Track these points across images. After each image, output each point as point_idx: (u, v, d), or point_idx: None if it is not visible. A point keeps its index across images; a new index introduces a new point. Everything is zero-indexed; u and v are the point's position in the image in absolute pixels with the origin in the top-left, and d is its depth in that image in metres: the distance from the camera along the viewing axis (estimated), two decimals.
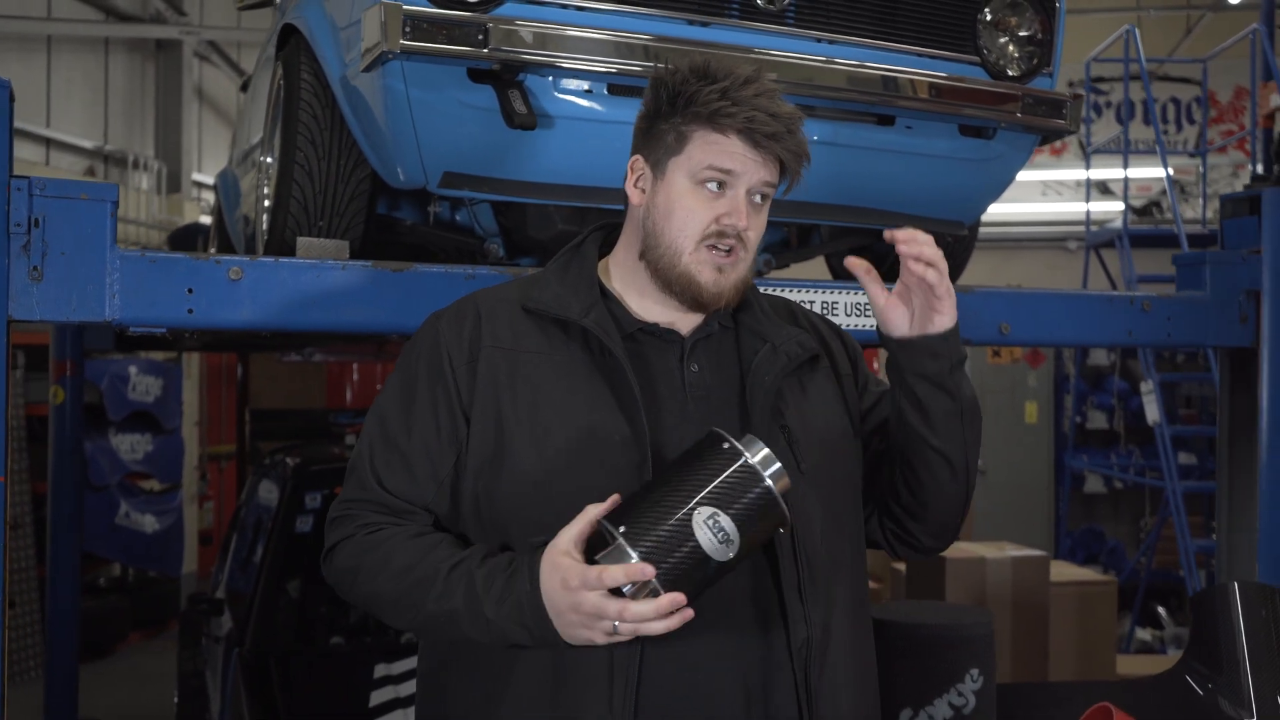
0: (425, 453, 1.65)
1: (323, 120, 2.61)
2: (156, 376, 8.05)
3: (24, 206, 1.92)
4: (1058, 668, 3.76)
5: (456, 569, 1.55)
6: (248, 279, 2.07)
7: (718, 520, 1.45)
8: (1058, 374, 8.96)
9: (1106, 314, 2.75)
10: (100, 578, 8.18)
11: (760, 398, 1.66)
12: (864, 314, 2.54)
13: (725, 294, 1.66)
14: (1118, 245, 7.05)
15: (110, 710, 6.30)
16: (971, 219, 2.97)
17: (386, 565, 1.59)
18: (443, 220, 3.02)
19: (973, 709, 2.09)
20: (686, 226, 1.64)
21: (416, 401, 1.67)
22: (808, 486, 1.65)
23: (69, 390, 5.92)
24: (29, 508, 7.15)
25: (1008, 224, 11.37)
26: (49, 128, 8.34)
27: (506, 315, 1.69)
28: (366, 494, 1.66)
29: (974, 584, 3.63)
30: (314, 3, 2.67)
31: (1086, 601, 3.98)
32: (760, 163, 1.64)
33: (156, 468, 8.21)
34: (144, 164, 9.38)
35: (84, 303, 1.96)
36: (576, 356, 1.66)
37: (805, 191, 2.69)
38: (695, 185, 1.64)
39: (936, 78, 2.62)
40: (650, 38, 2.40)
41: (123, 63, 9.38)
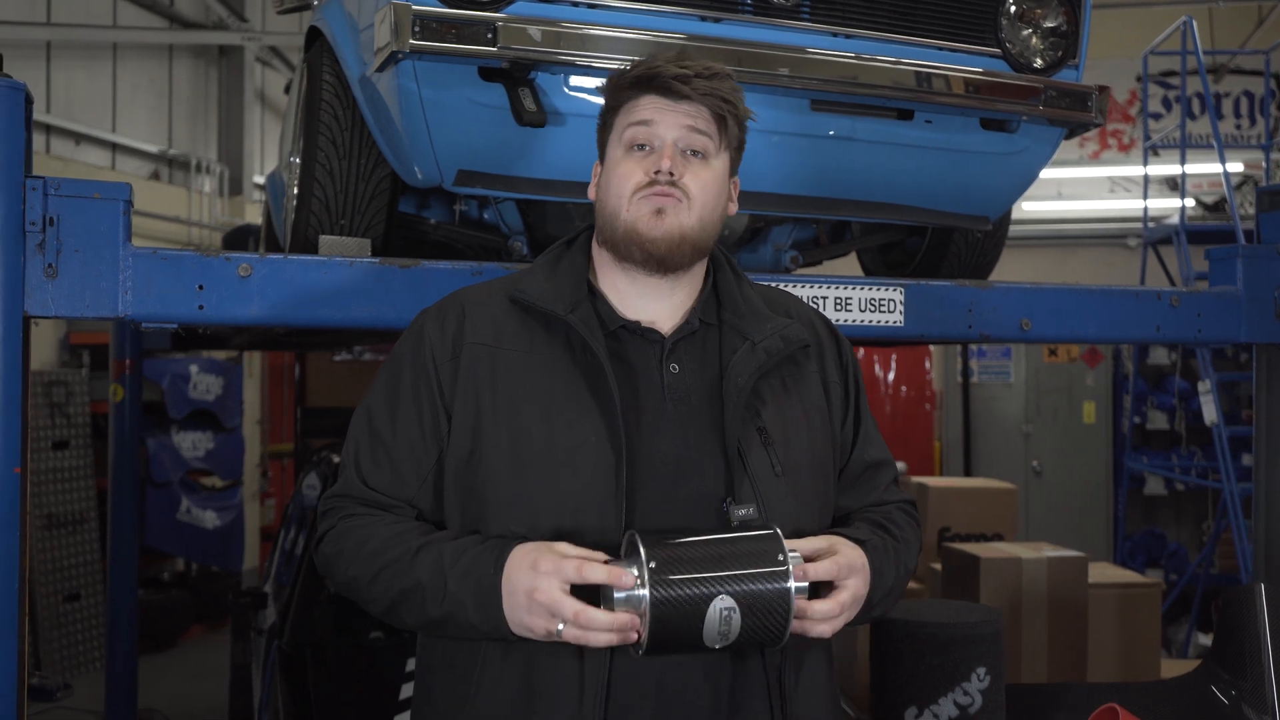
0: (409, 449, 1.68)
1: (343, 120, 2.65)
2: (217, 376, 8.21)
3: (39, 205, 1.97)
4: (1098, 670, 3.68)
5: (426, 547, 1.58)
6: (257, 275, 2.10)
7: (731, 617, 1.46)
8: (1116, 373, 8.79)
9: (1132, 309, 2.70)
10: (164, 572, 8.35)
11: (734, 396, 1.65)
12: (879, 309, 2.52)
13: (666, 238, 1.65)
14: (1175, 242, 6.90)
15: (170, 701, 6.44)
16: (997, 213, 2.93)
17: (362, 548, 1.62)
18: (469, 218, 3.05)
19: (979, 708, 2.06)
20: (622, 188, 1.67)
21: (401, 398, 1.69)
22: (785, 489, 1.65)
23: (128, 388, 6.08)
24: (94, 503, 7.34)
25: (1065, 220, 11.18)
26: (115, 133, 8.55)
27: (491, 311, 1.71)
28: (352, 490, 1.70)
29: (1009, 584, 3.57)
30: (335, 5, 2.72)
31: (1129, 603, 3.89)
32: (681, 112, 1.67)
33: (217, 465, 8.37)
34: (207, 167, 9.58)
35: (97, 299, 2.01)
36: (558, 354, 1.66)
37: (824, 187, 2.71)
38: (626, 152, 1.69)
39: (955, 71, 2.59)
40: (662, 35, 2.40)
41: (186, 69, 9.58)
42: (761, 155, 2.59)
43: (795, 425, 1.71)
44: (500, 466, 1.61)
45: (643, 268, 1.68)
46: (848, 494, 1.81)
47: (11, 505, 1.95)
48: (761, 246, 3.26)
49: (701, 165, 1.69)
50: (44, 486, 7.05)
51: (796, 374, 1.75)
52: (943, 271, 3.26)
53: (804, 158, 2.60)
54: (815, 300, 2.47)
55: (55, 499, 7.14)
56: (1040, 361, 8.52)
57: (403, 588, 1.58)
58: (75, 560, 7.25)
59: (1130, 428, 7.92)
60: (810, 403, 1.75)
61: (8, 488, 1.95)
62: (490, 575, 1.51)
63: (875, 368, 8.41)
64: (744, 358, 1.68)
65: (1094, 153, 11.67)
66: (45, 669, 6.83)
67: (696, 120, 1.68)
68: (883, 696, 2.13)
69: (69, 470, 7.24)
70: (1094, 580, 3.84)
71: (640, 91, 1.68)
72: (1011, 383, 8.88)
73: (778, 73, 2.46)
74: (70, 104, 8.05)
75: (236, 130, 9.96)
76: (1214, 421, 6.01)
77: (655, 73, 1.67)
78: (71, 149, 8.06)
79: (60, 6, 7.96)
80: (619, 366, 1.66)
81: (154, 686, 6.59)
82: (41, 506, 7.02)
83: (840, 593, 1.58)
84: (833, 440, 1.77)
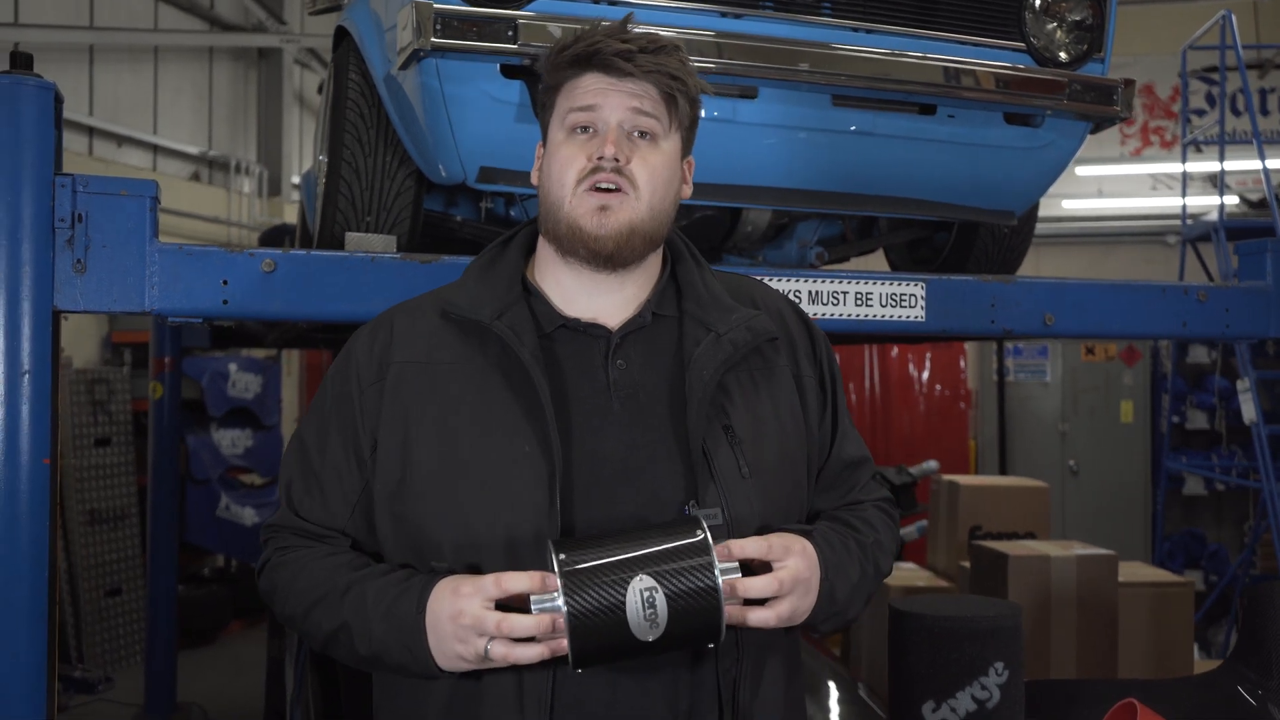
0: (337, 477, 1.60)
1: (369, 119, 2.69)
2: (256, 374, 8.30)
3: (68, 202, 2.02)
4: (1129, 669, 3.66)
5: (352, 588, 1.51)
6: (280, 271, 2.14)
7: (654, 596, 1.35)
8: (1155, 372, 8.69)
9: (1158, 305, 2.68)
10: (204, 568, 8.45)
11: (699, 392, 1.53)
12: (900, 304, 2.52)
13: (612, 236, 1.53)
14: (1214, 239, 6.81)
15: (210, 695, 6.51)
16: (1022, 208, 2.92)
17: (293, 584, 1.57)
18: (496, 216, 3.08)
19: (997, 702, 2.06)
20: (564, 174, 1.55)
21: (328, 426, 1.62)
22: (750, 492, 1.53)
23: (167, 386, 6.18)
24: (135, 499, 7.45)
25: (1104, 218, 11.07)
26: (156, 135, 8.67)
27: (425, 326, 1.61)
28: (286, 520, 1.65)
29: (1038, 582, 3.55)
30: (362, 5, 2.75)
31: (1161, 602, 3.85)
32: (625, 92, 1.55)
33: (256, 462, 8.45)
34: (246, 168, 9.69)
35: (124, 294, 2.05)
36: (490, 364, 1.56)
37: (846, 182, 2.71)
38: (568, 135, 1.57)
39: (978, 65, 2.59)
40: (682, 31, 2.42)
41: (226, 71, 9.70)
42: (781, 150, 2.60)
43: (764, 423, 1.59)
44: (430, 490, 1.52)
45: (588, 264, 1.56)
46: (826, 494, 1.70)
47: (41, 496, 2.00)
48: (787, 243, 3.26)
49: (650, 148, 1.56)
50: (86, 483, 7.17)
51: (765, 368, 1.64)
52: (969, 267, 3.25)
53: (825, 153, 2.61)
54: (835, 295, 2.47)
55: (97, 495, 7.25)
56: (1077, 360, 8.44)
57: (331, 629, 1.52)
58: (117, 555, 7.36)
59: (1169, 427, 7.83)
60: (781, 399, 1.63)
61: (37, 478, 2.00)
62: (413, 616, 1.43)
63: (910, 366, 8.37)
64: (708, 350, 1.56)
65: (1136, 150, 11.56)
66: (88, 662, 6.94)
67: (643, 100, 1.55)
68: (900, 690, 2.13)
69: (111, 467, 7.35)
70: (1125, 579, 3.81)
71: (581, 69, 1.56)
72: (1048, 381, 8.81)
73: (798, 68, 2.46)
74: (113, 106, 8.18)
75: (275, 131, 10.07)
76: (1253, 420, 5.92)
77: (595, 49, 1.54)
78: (114, 151, 8.18)
79: (103, 10, 8.08)
80: (555, 369, 1.55)
81: (194, 681, 6.67)
82: (84, 502, 7.13)
83: (778, 571, 1.45)
84: (807, 439, 1.66)
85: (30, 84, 2.01)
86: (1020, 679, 2.10)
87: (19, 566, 1.98)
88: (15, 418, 1.98)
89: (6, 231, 1.98)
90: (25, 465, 1.99)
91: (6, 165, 1.99)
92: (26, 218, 1.99)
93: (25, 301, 1.99)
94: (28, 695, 1.98)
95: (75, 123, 7.67)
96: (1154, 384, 8.72)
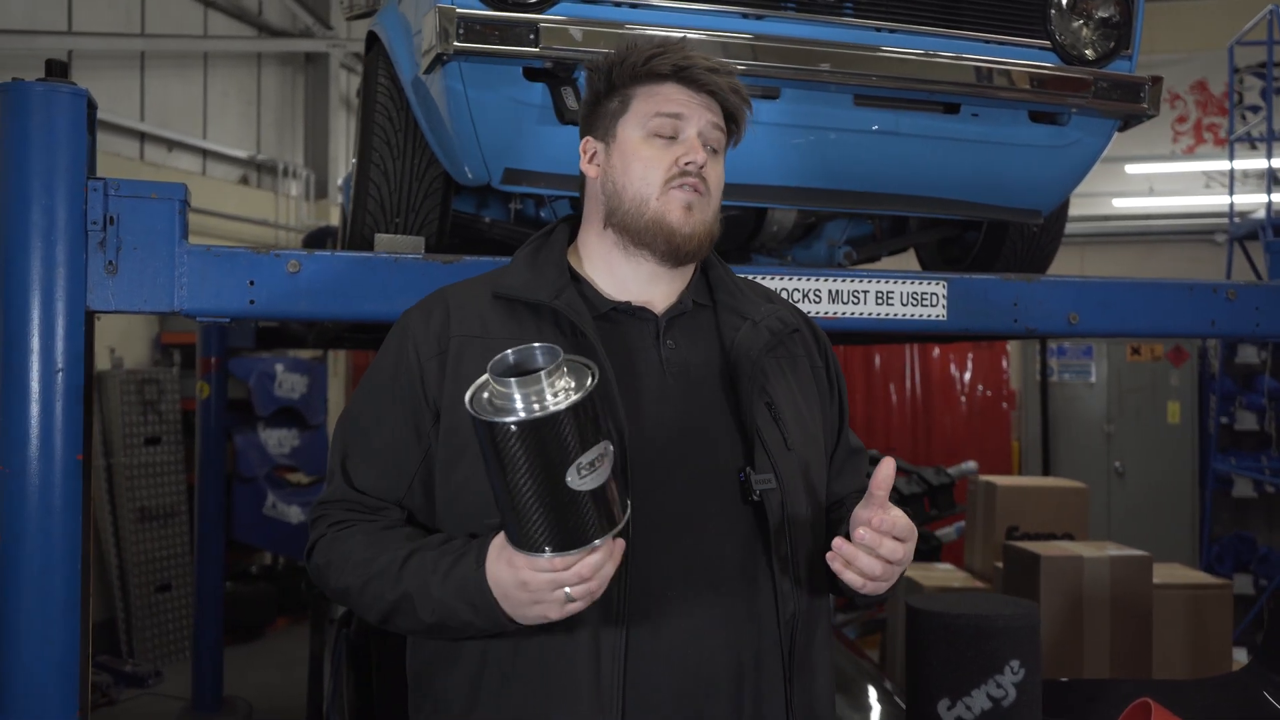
0: (394, 448, 1.66)
1: (397, 121, 2.73)
2: (302, 375, 8.41)
3: (100, 205, 2.08)
4: (1164, 671, 3.62)
5: (413, 556, 1.55)
6: (305, 272, 2.19)
7: (578, 471, 1.30)
8: (1203, 372, 8.56)
9: (1186, 303, 2.66)
10: (252, 565, 8.58)
11: (747, 370, 1.66)
12: (921, 303, 2.52)
13: (697, 235, 1.67)
14: (1261, 237, 6.71)
15: (256, 690, 6.62)
16: (1049, 207, 2.91)
17: (349, 558, 1.60)
18: (525, 217, 3.11)
19: (1013, 701, 2.06)
20: (649, 175, 1.66)
21: (385, 398, 1.68)
22: (795, 463, 1.67)
23: (214, 385, 6.30)
24: (184, 497, 7.59)
25: (1152, 216, 10.92)
26: (206, 139, 8.81)
27: (476, 305, 1.70)
28: (339, 494, 1.68)
29: (1070, 583, 3.53)
30: (391, 9, 2.80)
31: (1198, 605, 3.82)
32: (703, 105, 1.69)
33: (302, 461, 8.57)
34: (294, 171, 9.82)
35: (154, 294, 2.11)
36: (548, 339, 1.60)
37: (869, 181, 2.72)
38: (647, 137, 1.68)
39: (1002, 64, 2.58)
40: (703, 33, 2.44)
41: (274, 76, 9.84)
42: (803, 150, 2.61)
43: (796, 404, 1.73)
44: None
45: (658, 257, 1.68)
46: (840, 479, 1.83)
47: (74, 490, 2.06)
48: (815, 242, 3.27)
49: (715, 160, 1.71)
50: (137, 481, 7.31)
51: (789, 357, 1.78)
52: (998, 266, 3.24)
53: (847, 152, 2.61)
54: (856, 294, 2.48)
55: (147, 493, 7.39)
56: (1123, 360, 8.34)
57: (393, 599, 1.55)
58: (167, 552, 7.50)
59: (1217, 428, 7.71)
60: (804, 384, 1.78)
61: (71, 474, 2.06)
62: (474, 572, 1.47)
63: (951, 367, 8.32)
64: (749, 334, 1.70)
65: (1189, 147, 11.39)
66: (138, 656, 7.08)
67: (717, 116, 1.70)
68: (916, 687, 2.13)
69: (161, 465, 7.49)
70: (1163, 580, 3.78)
71: (663, 79, 1.68)
72: (1093, 382, 8.71)
73: (820, 68, 2.47)
74: (163, 112, 8.33)
75: (322, 135, 10.19)
76: None
77: (689, 63, 1.67)
78: (164, 155, 8.33)
79: (153, 18, 8.23)
80: (612, 345, 1.64)
81: (241, 675, 6.79)
82: (134, 500, 7.27)
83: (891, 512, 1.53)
84: (824, 423, 1.80)
85: (64, 91, 2.08)
86: (1037, 678, 2.10)
87: (53, 559, 2.04)
88: (49, 415, 2.04)
89: (41, 234, 2.04)
90: (59, 461, 2.05)
91: (41, 170, 2.05)
92: (60, 220, 2.05)
93: (59, 302, 2.05)
94: (62, 682, 2.04)
95: (127, 128, 7.82)
96: (1202, 384, 8.59)
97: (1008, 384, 8.41)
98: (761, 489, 1.60)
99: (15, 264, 2.04)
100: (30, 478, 2.03)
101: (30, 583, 2.03)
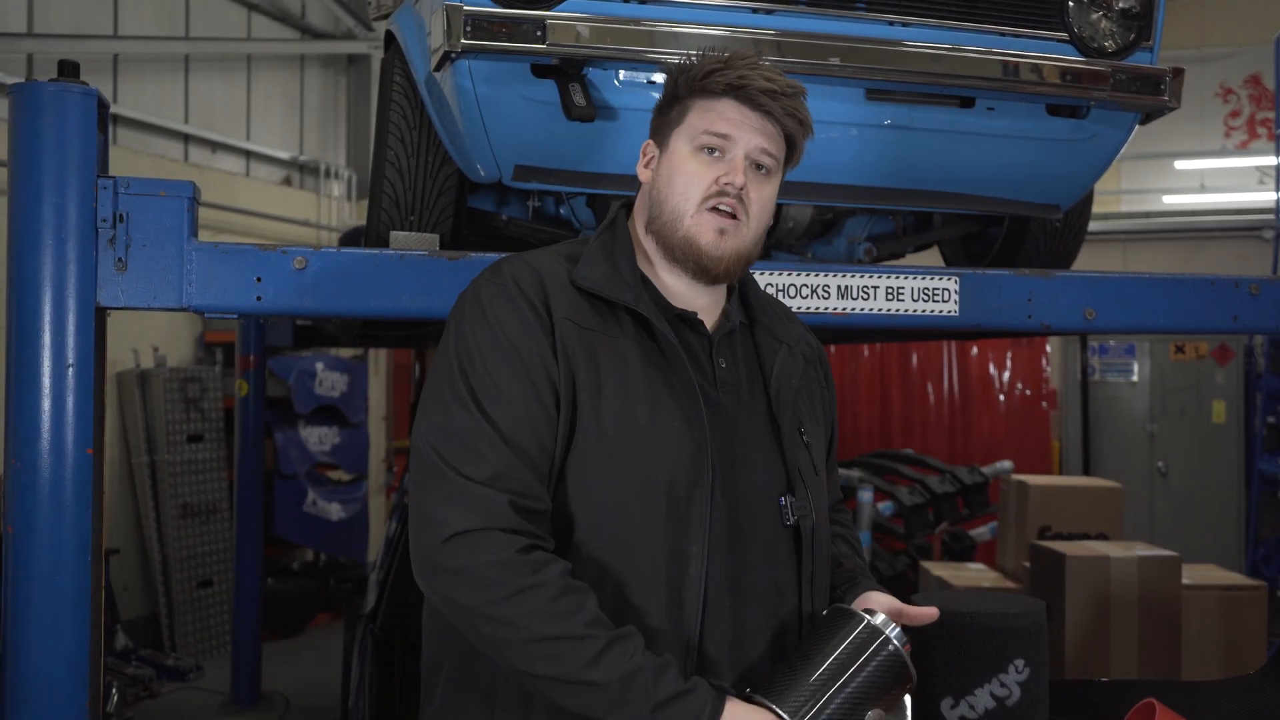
0: (543, 410, 1.57)
1: (411, 120, 2.75)
2: (342, 373, 8.49)
3: (110, 203, 2.11)
4: (1195, 673, 3.57)
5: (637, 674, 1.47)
6: (312, 268, 2.21)
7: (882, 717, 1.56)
8: (1249, 371, 8.40)
9: (1206, 299, 2.62)
10: (294, 562, 8.68)
11: (788, 398, 1.73)
12: (932, 299, 2.50)
13: (725, 259, 1.67)
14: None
15: (295, 685, 6.69)
16: (1069, 201, 2.87)
17: (544, 639, 1.48)
18: (544, 214, 3.12)
19: (1017, 700, 2.03)
20: (688, 191, 1.67)
21: (520, 353, 1.57)
22: (820, 487, 1.75)
23: (252, 383, 6.37)
24: (226, 494, 7.69)
25: (1198, 213, 10.72)
26: (249, 141, 8.93)
27: (564, 289, 1.66)
28: (487, 464, 1.53)
29: (1097, 583, 3.48)
30: (406, 9, 2.82)
31: (1231, 606, 3.75)
32: (756, 128, 1.67)
33: (343, 459, 8.65)
34: (335, 172, 9.92)
35: (164, 291, 2.14)
36: (629, 337, 1.65)
37: (884, 177, 2.70)
38: (694, 151, 1.68)
39: (1016, 57, 2.55)
40: (713, 28, 2.43)
41: (316, 78, 9.94)
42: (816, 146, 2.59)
43: (817, 426, 1.81)
44: (590, 449, 1.58)
45: (690, 274, 1.70)
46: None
47: (85, 484, 2.09)
48: (835, 239, 3.25)
49: (764, 181, 1.70)
50: (179, 478, 7.42)
51: (807, 379, 1.82)
52: (1020, 262, 3.20)
53: (860, 147, 2.60)
54: (866, 290, 2.46)
55: (190, 490, 7.50)
56: (1166, 359, 8.22)
57: (565, 701, 1.50)
58: (208, 548, 7.60)
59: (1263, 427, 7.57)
60: (817, 406, 1.84)
61: (81, 468, 2.09)
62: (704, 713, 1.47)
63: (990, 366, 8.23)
64: (787, 360, 1.75)
65: (1242, 143, 11.16)
66: (179, 651, 7.18)
67: (771, 138, 1.69)
68: (920, 687, 2.11)
69: (203, 462, 7.60)
70: (1195, 581, 3.72)
71: (721, 93, 1.67)
72: (1135, 381, 8.58)
73: (830, 62, 2.46)
74: (207, 113, 8.44)
75: (364, 136, 10.27)
76: None
77: (746, 83, 1.65)
78: (208, 157, 8.45)
79: (197, 21, 8.35)
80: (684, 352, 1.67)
81: (280, 671, 6.87)
82: (177, 496, 7.38)
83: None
84: (828, 441, 1.89)
85: (76, 91, 2.11)
86: (1043, 677, 2.07)
87: (64, 552, 2.08)
88: (61, 410, 2.08)
89: (53, 231, 2.08)
90: (70, 455, 2.09)
91: (53, 168, 2.09)
92: (71, 218, 2.09)
93: (70, 299, 2.09)
94: (72, 674, 2.08)
95: (171, 130, 7.93)
96: (1248, 383, 8.44)
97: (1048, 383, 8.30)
98: (798, 515, 1.68)
99: (27, 261, 2.07)
100: (42, 472, 2.07)
101: (41, 576, 2.06)
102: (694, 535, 1.59)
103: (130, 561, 7.18)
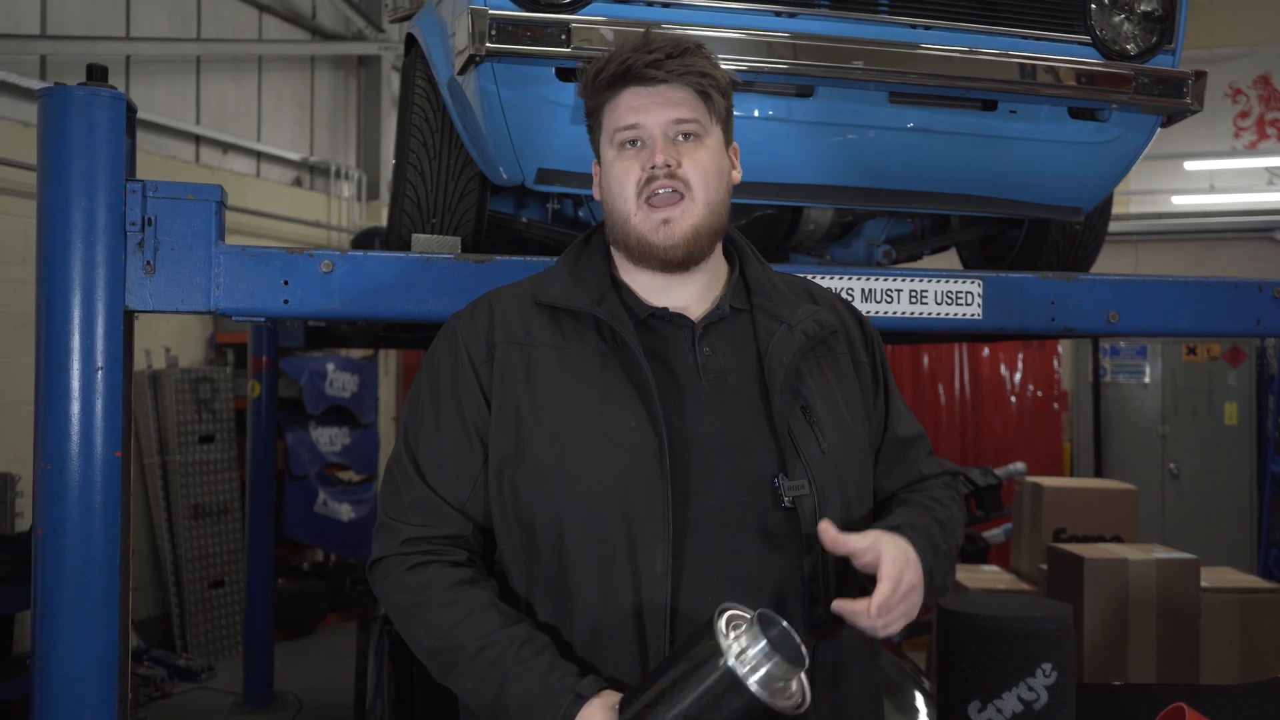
0: (456, 452, 1.68)
1: (433, 123, 2.76)
2: (353, 374, 8.50)
3: (138, 207, 2.12)
4: (1213, 677, 3.56)
5: (492, 664, 1.56)
6: (338, 271, 2.21)
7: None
8: (1261, 373, 8.39)
9: (1229, 301, 2.62)
10: (304, 562, 8.69)
11: (780, 377, 1.66)
12: (955, 302, 2.50)
13: (680, 245, 1.66)
14: None
15: (307, 685, 6.70)
16: (1090, 204, 2.87)
17: (423, 620, 1.62)
18: (564, 217, 3.13)
19: (1044, 704, 2.03)
20: (623, 190, 1.68)
21: (444, 403, 1.70)
22: (831, 466, 1.66)
23: (264, 384, 6.39)
24: (238, 494, 7.70)
25: (1209, 214, 10.70)
26: (260, 142, 8.94)
27: (519, 310, 1.72)
28: (417, 497, 1.69)
29: (1115, 586, 3.48)
30: (428, 12, 2.83)
31: (1250, 609, 3.74)
32: (661, 102, 1.66)
33: (353, 459, 8.65)
34: (346, 173, 9.93)
35: (192, 294, 2.15)
36: (590, 346, 1.68)
37: (905, 179, 2.70)
38: (617, 152, 1.69)
39: (1039, 60, 2.56)
40: (736, 32, 2.43)
41: (327, 79, 9.95)
42: (838, 148, 2.60)
43: (835, 406, 1.73)
44: (544, 461, 1.62)
45: (657, 268, 1.70)
46: (890, 474, 1.82)
47: (113, 486, 2.10)
48: (854, 241, 3.25)
49: (696, 146, 1.68)
50: (191, 478, 7.43)
51: (830, 357, 1.77)
52: (1040, 265, 3.21)
53: (882, 150, 2.60)
54: (889, 293, 2.47)
55: (201, 490, 7.51)
56: (1178, 360, 8.20)
57: (457, 683, 1.60)
58: (220, 549, 7.61)
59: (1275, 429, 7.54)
60: (845, 384, 1.77)
61: (110, 470, 2.10)
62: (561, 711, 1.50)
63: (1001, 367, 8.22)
64: (782, 339, 1.69)
65: (1251, 143, 11.14)
66: (191, 651, 7.20)
67: (680, 105, 1.67)
68: (947, 690, 2.12)
69: (214, 463, 7.61)
70: (1214, 584, 3.71)
71: (618, 87, 1.68)
72: (1147, 382, 8.57)
73: (853, 66, 2.46)
74: (218, 115, 8.45)
75: (374, 137, 10.29)
76: None
77: (626, 66, 1.66)
78: (219, 158, 8.46)
79: (209, 23, 8.36)
80: (652, 351, 1.67)
81: (293, 671, 6.88)
82: (188, 497, 7.39)
83: (884, 584, 1.56)
84: (868, 420, 1.79)
85: (104, 95, 2.12)
86: (1070, 681, 2.07)
87: (94, 554, 2.08)
88: (90, 412, 2.08)
89: (82, 235, 2.09)
90: (99, 458, 2.09)
91: (82, 172, 2.09)
92: (100, 222, 2.10)
93: (99, 302, 2.10)
94: (102, 675, 2.08)
95: (183, 131, 7.94)
96: (1260, 385, 8.43)
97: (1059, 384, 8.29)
98: (795, 495, 1.62)
99: (56, 264, 2.08)
100: (71, 474, 2.07)
101: (71, 578, 2.07)
102: (656, 532, 1.57)
103: (142, 562, 7.20)
